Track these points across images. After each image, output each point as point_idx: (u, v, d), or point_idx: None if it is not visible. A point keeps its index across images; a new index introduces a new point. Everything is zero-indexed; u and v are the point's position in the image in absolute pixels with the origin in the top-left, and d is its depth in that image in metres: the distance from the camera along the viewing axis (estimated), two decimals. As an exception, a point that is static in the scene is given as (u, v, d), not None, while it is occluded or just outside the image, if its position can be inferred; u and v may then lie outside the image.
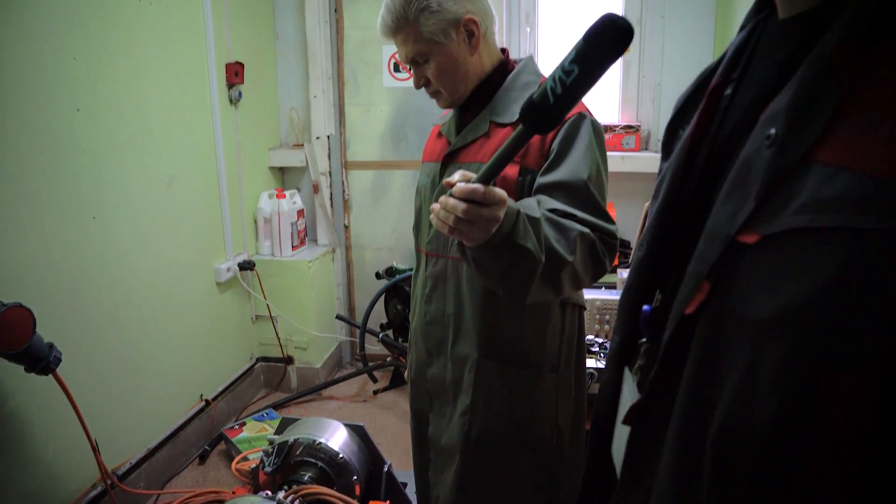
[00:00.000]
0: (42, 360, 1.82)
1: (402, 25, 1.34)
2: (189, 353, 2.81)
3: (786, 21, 0.62)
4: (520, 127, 0.85)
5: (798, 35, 0.59)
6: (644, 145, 3.24)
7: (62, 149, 2.08)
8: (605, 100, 3.33)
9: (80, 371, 2.10)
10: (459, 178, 0.96)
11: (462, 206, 0.95)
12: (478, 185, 0.93)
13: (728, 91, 0.69)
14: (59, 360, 1.87)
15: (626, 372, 0.77)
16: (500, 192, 0.97)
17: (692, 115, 0.73)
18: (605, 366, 0.82)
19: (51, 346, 1.85)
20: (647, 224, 0.76)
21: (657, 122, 3.24)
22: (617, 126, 3.20)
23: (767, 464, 0.52)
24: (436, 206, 1.00)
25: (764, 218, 0.53)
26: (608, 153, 3.07)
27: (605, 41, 0.76)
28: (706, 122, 0.70)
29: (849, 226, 0.46)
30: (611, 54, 0.76)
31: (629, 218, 3.15)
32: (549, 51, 3.38)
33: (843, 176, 0.47)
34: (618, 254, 3.27)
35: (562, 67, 0.78)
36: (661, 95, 3.23)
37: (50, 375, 1.84)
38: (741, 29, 0.72)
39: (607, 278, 2.62)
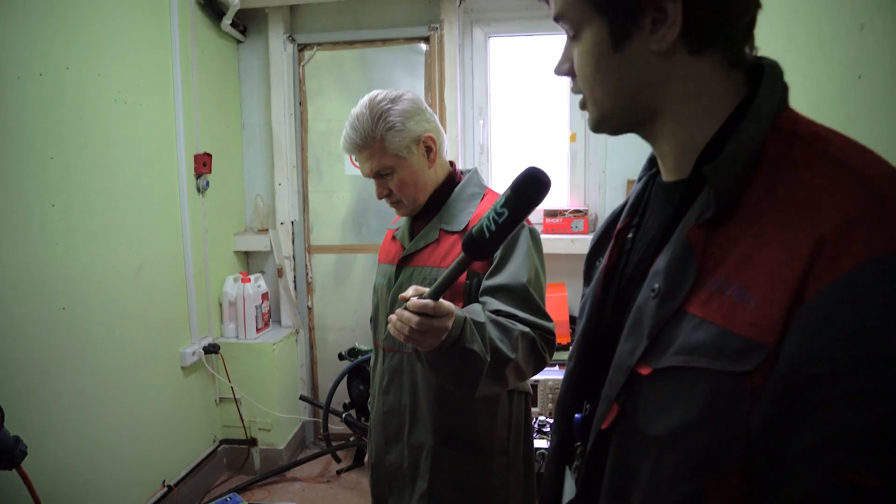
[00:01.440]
0: (7, 455, 1.84)
1: (369, 143, 1.49)
2: (152, 440, 2.83)
3: (667, 184, 0.79)
4: (462, 254, 1.00)
5: (675, 200, 0.76)
6: (592, 228, 3.45)
7: (36, 243, 2.17)
8: (555, 186, 3.53)
9: (43, 460, 2.12)
10: (413, 294, 1.11)
11: (415, 318, 1.09)
12: (428, 301, 1.08)
13: (630, 235, 0.85)
14: (25, 454, 1.89)
15: (567, 470, 0.90)
16: (447, 305, 1.12)
17: (605, 248, 0.90)
18: (546, 464, 0.95)
19: (17, 439, 1.88)
20: (574, 341, 0.91)
21: (603, 206, 3.47)
22: (566, 210, 3.41)
23: None
24: (393, 317, 1.14)
25: (654, 355, 0.68)
26: (559, 236, 3.28)
27: (528, 192, 0.93)
28: (615, 258, 0.86)
29: (709, 367, 0.61)
30: (533, 202, 0.93)
31: (579, 296, 3.32)
32: (501, 141, 3.61)
33: (704, 327, 0.63)
34: (570, 331, 3.42)
35: (494, 210, 0.95)
36: (606, 182, 3.47)
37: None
38: (639, 179, 0.89)
39: (559, 356, 2.76)
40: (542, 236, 3.18)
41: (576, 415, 0.85)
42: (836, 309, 0.53)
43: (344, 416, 3.36)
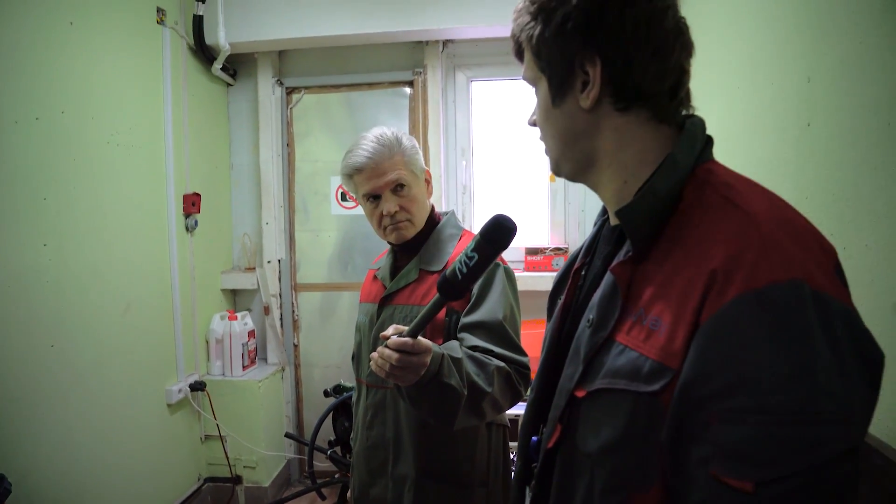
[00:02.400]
0: (-9, 492, 1.88)
1: (394, 154, 1.58)
2: (137, 478, 2.83)
3: (612, 227, 0.88)
4: (437, 295, 1.08)
5: (613, 240, 0.85)
6: (572, 265, 3.53)
7: (28, 281, 2.21)
8: (536, 224, 3.64)
9: (28, 499, 2.13)
10: (393, 332, 1.19)
11: (395, 355, 1.16)
12: (407, 339, 1.16)
13: (583, 273, 0.94)
14: (9, 493, 1.91)
15: (528, 489, 0.97)
16: (426, 342, 1.19)
17: (564, 287, 0.98)
18: (513, 485, 1.02)
19: (2, 476, 1.91)
20: (536, 373, 0.98)
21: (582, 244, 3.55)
22: (547, 248, 3.49)
23: None
24: (375, 355, 1.21)
25: (588, 379, 0.76)
26: (540, 274, 3.35)
27: (496, 237, 1.01)
28: (571, 295, 0.95)
29: (629, 389, 0.69)
30: (500, 246, 1.02)
31: (562, 333, 3.38)
32: (484, 181, 3.71)
33: (627, 353, 0.71)
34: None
35: (465, 254, 1.03)
36: (586, 220, 3.56)
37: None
38: (595, 225, 0.99)
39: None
40: (524, 274, 3.27)
41: (532, 437, 0.92)
42: (717, 336, 0.62)
43: (329, 452, 3.37)
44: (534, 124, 0.90)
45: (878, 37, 1.16)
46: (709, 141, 0.79)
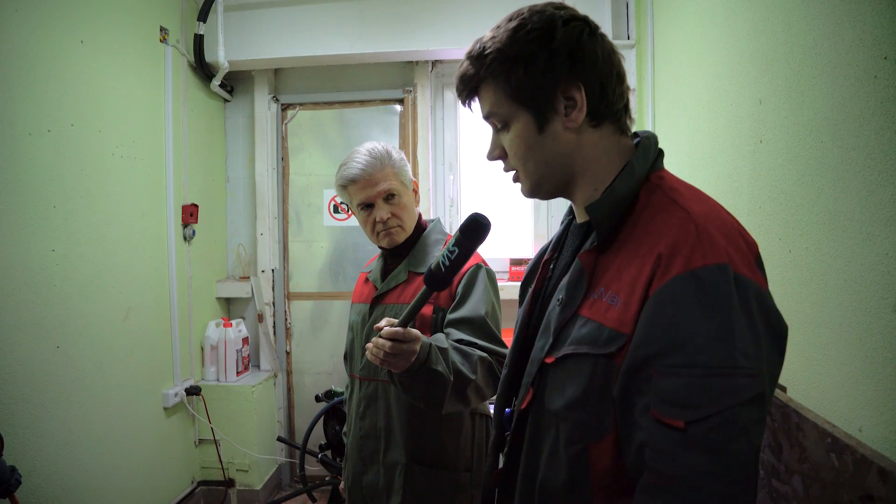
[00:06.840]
0: (3, 483, 1.97)
1: (386, 166, 1.72)
2: (132, 480, 2.91)
3: (579, 224, 1.03)
4: (424, 287, 1.22)
5: (581, 234, 1.00)
6: (555, 276, 3.67)
7: (36, 285, 2.33)
8: (520, 236, 3.79)
9: (32, 494, 2.23)
10: (385, 324, 1.33)
11: (388, 343, 1.31)
12: (398, 328, 1.30)
13: (552, 266, 1.09)
14: (20, 483, 2.01)
15: (501, 456, 1.11)
16: (415, 332, 1.34)
17: (534, 277, 1.13)
18: (489, 453, 1.16)
19: (13, 469, 2.00)
20: (509, 351, 1.13)
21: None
22: (531, 259, 3.63)
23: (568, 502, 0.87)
24: (370, 345, 1.35)
25: (556, 347, 0.91)
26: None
27: (473, 233, 1.17)
28: (541, 284, 1.09)
29: (590, 352, 0.84)
30: (477, 240, 1.17)
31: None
32: (470, 194, 3.87)
33: (589, 324, 0.86)
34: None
35: (448, 248, 1.18)
36: (568, 233, 3.71)
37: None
38: (562, 223, 1.14)
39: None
40: (508, 283, 3.41)
41: (506, 409, 1.07)
42: (659, 307, 0.78)
43: (320, 456, 3.46)
44: (498, 157, 1.03)
45: (813, 66, 1.33)
46: (660, 153, 0.95)
